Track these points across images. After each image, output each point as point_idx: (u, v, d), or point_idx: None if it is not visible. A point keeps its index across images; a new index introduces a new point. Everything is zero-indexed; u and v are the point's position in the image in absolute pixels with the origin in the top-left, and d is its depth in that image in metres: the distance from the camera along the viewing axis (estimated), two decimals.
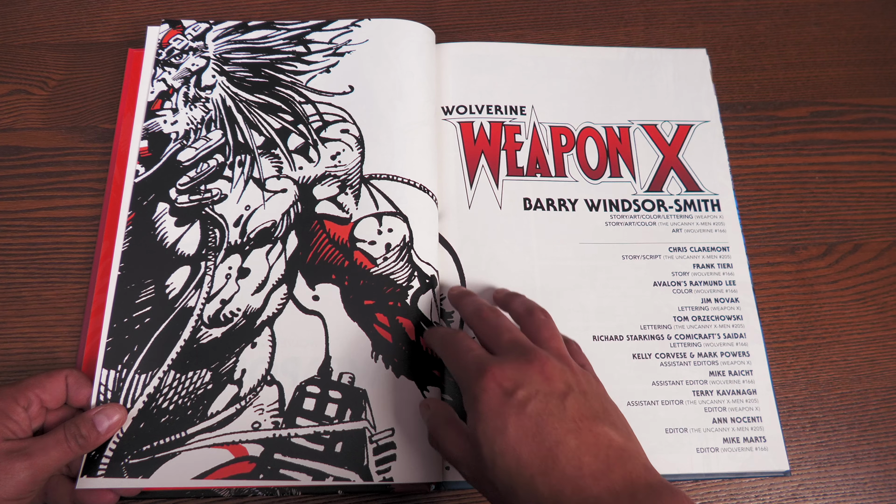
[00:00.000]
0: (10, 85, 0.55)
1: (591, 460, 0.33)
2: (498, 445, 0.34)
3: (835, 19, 0.61)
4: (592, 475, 0.32)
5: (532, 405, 0.35)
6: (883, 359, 0.49)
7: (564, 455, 0.33)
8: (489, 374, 0.36)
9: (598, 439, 0.34)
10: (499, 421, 0.35)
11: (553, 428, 0.34)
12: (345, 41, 0.54)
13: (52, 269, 0.49)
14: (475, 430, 0.36)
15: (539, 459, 0.33)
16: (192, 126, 0.50)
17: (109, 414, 0.40)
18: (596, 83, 0.56)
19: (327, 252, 0.47)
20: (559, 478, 0.33)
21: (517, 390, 0.35)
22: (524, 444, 0.34)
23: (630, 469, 0.33)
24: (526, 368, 0.36)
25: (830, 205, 0.54)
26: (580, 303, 0.48)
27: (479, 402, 0.36)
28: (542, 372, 0.36)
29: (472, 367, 0.37)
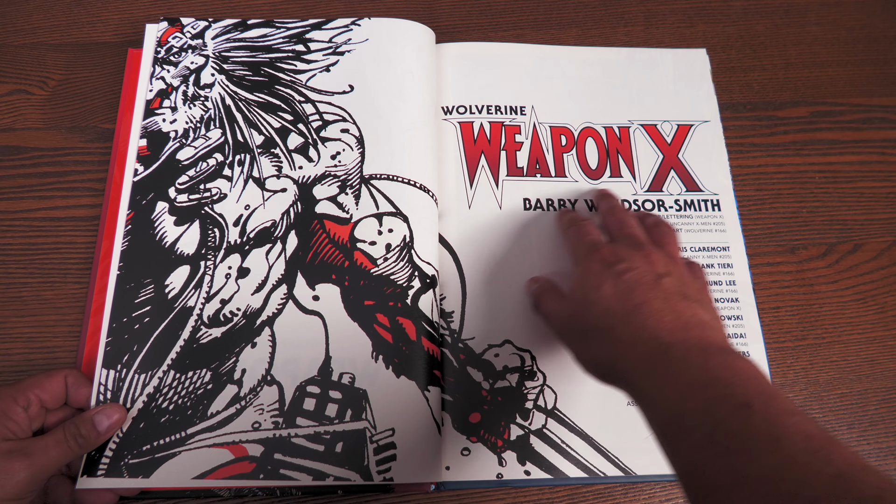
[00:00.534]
0: (10, 85, 0.55)
1: (671, 319, 0.36)
2: (591, 297, 0.39)
3: (835, 19, 0.61)
4: (669, 329, 0.35)
5: (629, 275, 0.39)
6: (883, 359, 0.49)
7: (648, 310, 0.37)
8: (600, 251, 0.42)
9: (683, 310, 0.37)
10: (596, 281, 0.39)
11: (643, 292, 0.38)
12: (345, 40, 0.54)
13: (52, 269, 0.49)
14: (574, 288, 0.42)
15: (624, 311, 0.37)
16: (191, 125, 0.50)
17: (109, 414, 0.40)
18: (596, 83, 0.56)
19: (327, 252, 0.47)
20: (638, 325, 0.36)
21: (618, 263, 0.40)
22: (614, 299, 0.38)
23: (707, 335, 0.35)
24: (633, 252, 0.41)
25: (830, 205, 0.54)
26: None
27: (583, 268, 0.41)
28: (647, 257, 0.40)
29: (587, 246, 0.43)
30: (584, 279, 0.40)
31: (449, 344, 0.47)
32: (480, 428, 0.45)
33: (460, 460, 0.44)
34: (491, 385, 0.46)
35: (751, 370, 0.32)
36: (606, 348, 0.37)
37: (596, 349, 0.38)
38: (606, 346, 0.37)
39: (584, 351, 0.40)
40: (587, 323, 0.39)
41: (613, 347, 0.37)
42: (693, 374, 0.32)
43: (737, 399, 0.30)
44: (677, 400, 0.32)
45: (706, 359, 0.33)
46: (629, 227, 0.45)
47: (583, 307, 0.40)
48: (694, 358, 0.33)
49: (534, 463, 0.44)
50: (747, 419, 0.29)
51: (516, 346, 0.47)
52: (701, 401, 0.31)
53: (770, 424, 0.29)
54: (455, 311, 0.48)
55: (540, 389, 0.46)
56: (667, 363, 0.34)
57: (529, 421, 0.45)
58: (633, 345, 0.36)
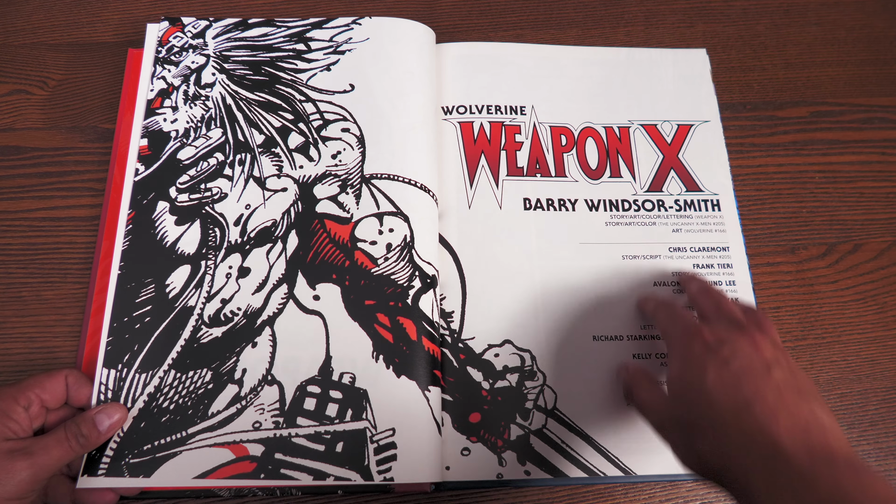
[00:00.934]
0: (10, 85, 0.55)
1: (787, 420, 0.32)
2: (694, 387, 0.35)
3: (835, 19, 0.61)
4: (788, 431, 0.31)
5: (736, 363, 0.35)
6: (883, 359, 0.49)
7: (761, 408, 0.32)
8: (700, 332, 0.37)
9: (800, 407, 0.33)
10: (700, 369, 0.35)
11: (753, 383, 0.34)
12: (345, 39, 0.54)
13: (52, 269, 0.49)
14: (674, 376, 0.37)
15: (734, 405, 0.33)
16: (191, 124, 0.50)
17: (110, 413, 0.40)
18: (596, 83, 0.56)
19: (328, 252, 0.47)
20: (751, 424, 0.32)
21: (722, 347, 0.36)
22: (721, 391, 0.34)
23: (831, 441, 0.31)
24: (736, 335, 0.37)
25: (830, 205, 0.54)
26: (580, 303, 0.48)
27: (684, 352, 0.37)
28: (753, 342, 0.36)
29: (685, 326, 0.39)
30: (685, 366, 0.37)
31: (449, 344, 0.47)
32: (480, 428, 0.45)
33: (460, 460, 0.44)
34: (491, 385, 0.46)
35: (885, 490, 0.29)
36: (715, 448, 0.33)
37: (703, 447, 0.34)
38: (715, 446, 0.33)
39: (689, 448, 0.36)
40: (690, 416, 0.35)
41: (724, 448, 0.33)
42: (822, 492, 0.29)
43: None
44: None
45: (835, 475, 0.29)
46: (727, 307, 0.41)
47: (684, 398, 0.36)
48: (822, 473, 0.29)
49: (534, 463, 0.44)
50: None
51: (516, 346, 0.47)
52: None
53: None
54: (455, 311, 0.48)
55: (540, 389, 0.46)
56: (790, 476, 0.30)
57: (529, 421, 0.45)
58: (747, 448, 0.32)
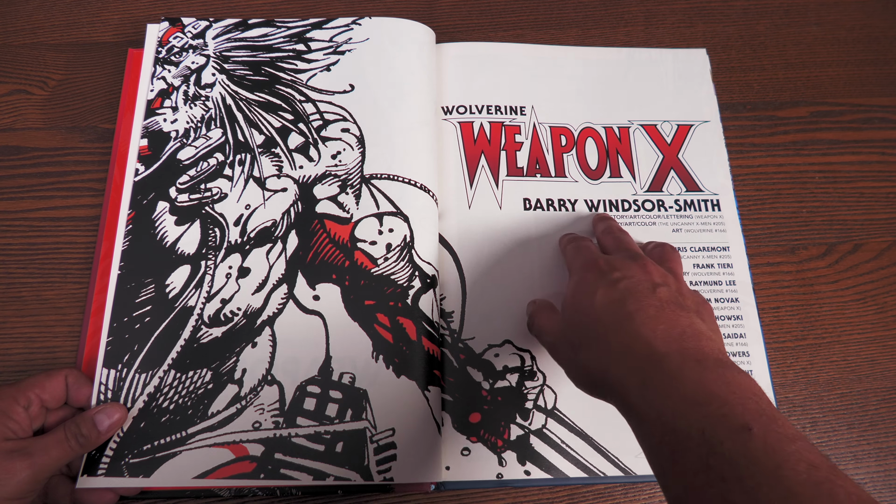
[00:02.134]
0: (10, 85, 0.55)
1: (665, 328, 0.34)
2: (583, 306, 0.38)
3: (835, 19, 0.61)
4: (664, 339, 0.34)
5: (623, 283, 0.37)
6: (883, 359, 0.49)
7: (641, 318, 0.35)
8: (596, 262, 0.41)
9: (679, 318, 0.35)
10: (590, 289, 0.38)
11: (636, 300, 0.36)
12: (345, 39, 0.54)
13: (52, 269, 0.49)
14: (567, 299, 0.40)
15: (616, 319, 0.36)
16: (191, 124, 0.50)
17: (110, 413, 0.40)
18: (596, 83, 0.56)
19: (328, 252, 0.47)
20: (631, 333, 0.34)
21: (613, 272, 0.39)
22: (606, 307, 0.37)
23: (704, 345, 0.33)
24: (629, 263, 0.40)
25: (830, 205, 0.54)
26: None
27: (577, 278, 0.41)
28: (643, 268, 0.39)
29: (585, 259, 0.42)
30: (578, 289, 0.39)
31: (449, 344, 0.47)
32: (480, 428, 0.45)
33: (460, 460, 0.44)
34: (491, 385, 0.46)
35: (750, 387, 0.30)
36: (598, 358, 0.36)
37: (587, 359, 0.37)
38: (598, 356, 0.36)
39: (575, 362, 0.38)
40: (579, 333, 0.38)
41: (605, 357, 0.35)
42: (689, 388, 0.31)
43: (735, 420, 0.28)
44: (671, 416, 0.30)
45: (702, 372, 0.31)
46: (626, 242, 0.44)
47: (575, 317, 0.38)
48: (690, 370, 0.31)
49: (534, 463, 0.44)
50: (746, 444, 0.27)
51: (516, 346, 0.47)
52: (697, 419, 0.29)
53: (771, 451, 0.27)
54: (455, 311, 0.48)
55: (540, 389, 0.46)
56: (660, 376, 0.32)
57: (529, 421, 0.45)
58: (626, 354, 0.34)
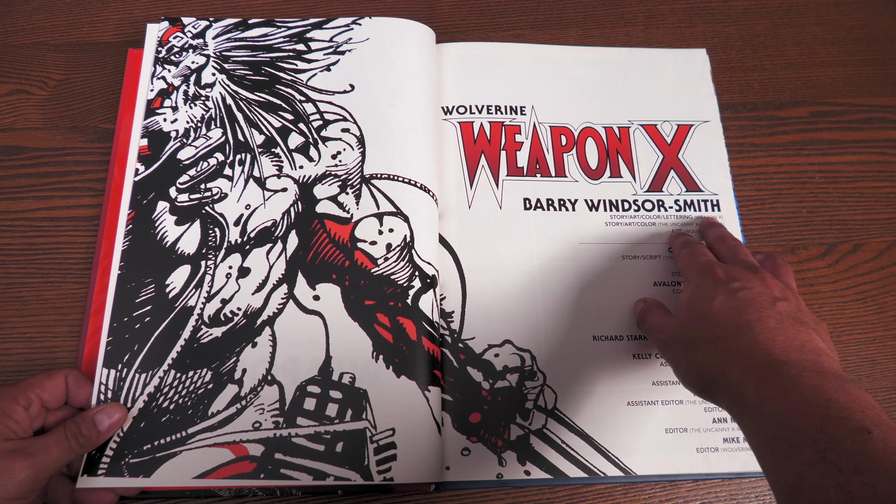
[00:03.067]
0: (10, 85, 0.55)
1: (785, 339, 0.34)
2: (701, 310, 0.38)
3: (835, 19, 0.61)
4: (783, 348, 0.34)
5: (742, 293, 0.37)
6: (883, 359, 0.49)
7: (760, 327, 0.35)
8: (714, 270, 0.40)
9: (798, 333, 0.35)
10: (709, 295, 0.38)
11: (756, 311, 0.36)
12: (345, 39, 0.54)
13: (52, 269, 0.49)
14: (683, 303, 0.40)
15: (735, 325, 0.36)
16: (191, 124, 0.50)
17: (110, 413, 0.40)
18: (596, 83, 0.56)
19: (328, 252, 0.47)
20: (749, 340, 0.34)
21: (733, 282, 0.38)
22: (725, 314, 0.37)
23: (823, 360, 0.33)
24: (748, 274, 0.39)
25: (830, 205, 0.54)
26: (580, 303, 0.48)
27: (695, 284, 0.40)
28: (763, 280, 0.39)
29: (701, 264, 0.42)
30: (696, 294, 0.39)
31: (449, 344, 0.47)
32: (480, 428, 0.45)
33: (460, 460, 0.44)
34: (491, 385, 0.46)
35: (870, 400, 0.30)
36: (713, 359, 0.36)
37: (702, 359, 0.37)
38: (714, 357, 0.36)
39: (688, 360, 0.38)
40: (694, 336, 0.38)
41: (721, 357, 0.35)
42: (808, 393, 0.31)
43: (855, 423, 0.29)
44: (788, 415, 0.30)
45: (822, 381, 0.31)
46: (743, 252, 0.44)
47: (691, 320, 0.38)
48: (808, 378, 0.31)
49: (534, 463, 0.44)
50: (865, 443, 0.28)
51: (516, 346, 0.47)
52: (816, 418, 0.30)
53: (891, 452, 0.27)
54: (455, 311, 0.48)
55: (540, 389, 0.46)
56: (779, 378, 0.32)
57: (529, 421, 0.45)
58: (743, 357, 0.34)
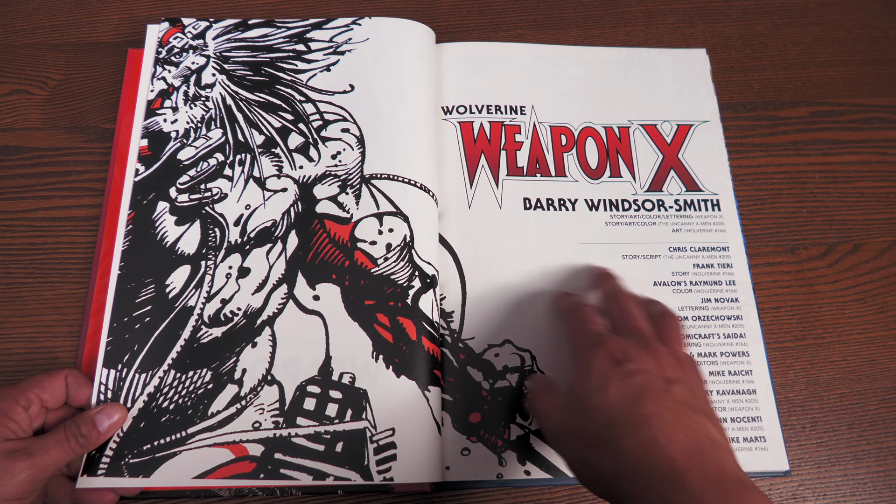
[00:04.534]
0: (10, 85, 0.55)
1: (684, 438, 0.33)
2: (594, 400, 0.35)
3: (835, 19, 0.61)
4: (683, 451, 0.32)
5: (637, 378, 0.35)
6: (883, 359, 0.49)
7: (658, 425, 0.33)
8: (605, 345, 0.38)
9: (695, 426, 0.33)
10: (602, 381, 0.36)
11: (653, 401, 0.34)
12: (345, 39, 0.54)
13: (52, 269, 0.49)
14: (575, 385, 0.37)
15: (632, 421, 0.33)
16: (192, 125, 0.50)
17: (110, 413, 0.40)
18: (596, 83, 0.56)
19: (328, 252, 0.47)
20: (648, 441, 0.33)
21: (626, 363, 0.36)
22: (620, 405, 0.34)
23: (722, 460, 0.32)
24: (641, 351, 0.37)
25: (830, 205, 0.54)
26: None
27: (587, 363, 0.37)
28: (656, 358, 0.37)
29: (592, 336, 0.39)
30: (588, 377, 0.37)
31: (449, 344, 0.47)
32: (480, 428, 0.45)
33: (460, 460, 0.44)
34: (491, 385, 0.46)
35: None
36: (610, 463, 0.34)
37: (597, 462, 0.34)
38: (610, 461, 0.34)
39: (584, 463, 0.36)
40: (588, 430, 0.35)
41: (618, 464, 0.33)
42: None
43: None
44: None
45: (725, 495, 0.30)
46: (634, 318, 0.41)
47: (583, 410, 0.36)
48: (712, 493, 0.30)
49: (534, 463, 0.44)
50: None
51: (516, 346, 0.47)
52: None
53: None
54: (455, 311, 0.48)
55: None
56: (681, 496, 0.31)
57: (529, 421, 0.45)
58: (642, 465, 0.32)
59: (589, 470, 0.36)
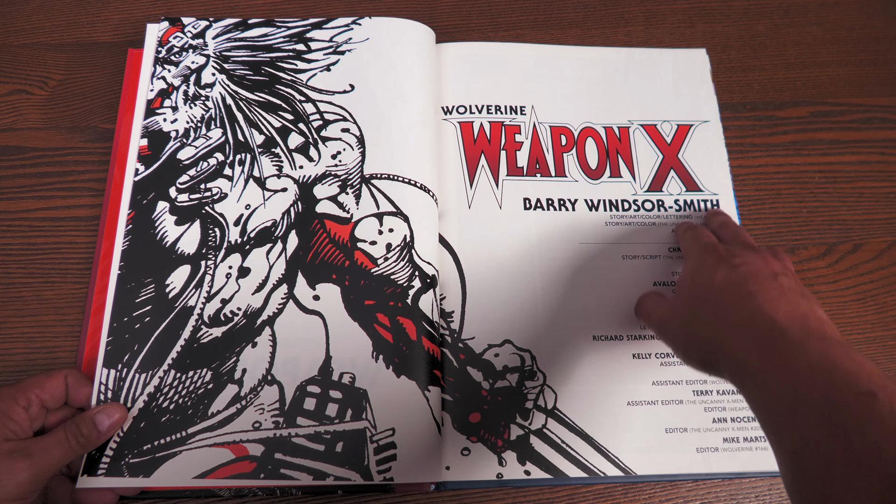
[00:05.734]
0: (10, 85, 0.55)
1: (787, 309, 0.34)
2: (702, 285, 0.38)
3: (835, 19, 0.61)
4: (787, 315, 0.34)
5: (744, 268, 0.38)
6: (883, 359, 0.49)
7: (763, 298, 0.35)
8: (716, 247, 0.41)
9: (800, 303, 0.35)
10: (710, 272, 0.38)
11: (757, 283, 0.36)
12: (345, 39, 0.54)
13: (52, 269, 0.49)
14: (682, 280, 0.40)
15: (737, 296, 0.36)
16: (191, 124, 0.50)
17: (110, 413, 0.40)
18: (596, 83, 0.56)
19: (328, 252, 0.47)
20: (752, 309, 0.35)
21: (734, 258, 0.39)
22: (726, 287, 0.37)
23: (826, 329, 0.34)
24: (749, 252, 0.40)
25: (830, 205, 0.54)
26: (580, 303, 0.48)
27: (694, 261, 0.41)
28: (763, 258, 0.39)
29: (703, 245, 0.42)
30: (696, 271, 0.39)
31: (449, 344, 0.47)
32: (480, 428, 0.45)
33: (460, 460, 0.44)
34: (491, 385, 0.46)
35: (874, 366, 0.31)
36: (714, 330, 0.36)
37: (703, 330, 0.37)
38: (714, 328, 0.36)
39: (689, 335, 0.38)
40: (695, 308, 0.38)
41: (723, 327, 0.35)
42: (812, 359, 0.31)
43: (861, 387, 0.29)
44: (793, 381, 0.31)
45: (827, 347, 0.31)
46: (745, 236, 0.44)
47: (692, 294, 0.39)
48: (813, 344, 0.32)
49: (534, 463, 0.44)
50: (871, 407, 0.28)
51: (516, 346, 0.47)
52: (821, 383, 0.30)
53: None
54: (455, 311, 0.48)
55: (540, 389, 0.46)
56: (783, 345, 0.32)
57: (529, 421, 0.45)
58: (746, 328, 0.34)
59: (695, 343, 0.37)
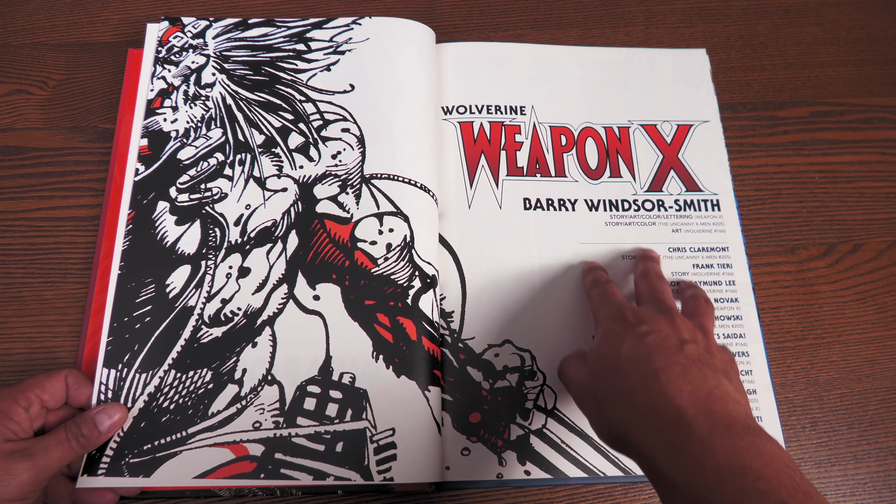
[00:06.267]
0: (10, 85, 0.55)
1: (692, 389, 0.33)
2: (609, 359, 0.37)
3: (835, 19, 0.61)
4: (691, 401, 0.33)
5: (650, 338, 0.37)
6: (883, 359, 0.49)
7: (666, 376, 0.34)
8: (623, 312, 0.40)
9: (706, 378, 0.34)
10: (616, 342, 0.38)
11: (663, 356, 0.35)
12: (345, 39, 0.54)
13: (52, 269, 0.49)
14: (593, 349, 0.40)
15: (641, 375, 0.35)
16: (192, 124, 0.50)
17: (110, 413, 0.40)
18: (596, 83, 0.56)
19: (328, 252, 0.47)
20: (657, 394, 0.34)
21: (641, 325, 0.38)
22: (631, 363, 0.36)
23: (731, 409, 0.33)
24: (658, 317, 0.39)
25: (830, 205, 0.54)
26: (580, 303, 0.48)
27: (604, 328, 0.40)
28: (672, 323, 0.38)
29: (612, 307, 0.41)
30: (604, 340, 0.39)
31: (449, 344, 0.47)
32: (480, 428, 0.45)
33: (460, 460, 0.44)
34: (491, 385, 0.46)
35: (782, 457, 0.30)
36: (622, 416, 0.35)
37: (610, 414, 0.36)
38: (622, 414, 0.35)
39: (600, 416, 0.37)
40: (604, 386, 0.37)
41: (629, 414, 0.35)
42: (720, 458, 0.30)
43: (772, 496, 0.28)
44: (703, 488, 0.30)
45: (733, 440, 0.31)
46: (660, 292, 0.43)
47: (600, 370, 0.38)
48: (719, 437, 0.31)
49: (534, 463, 0.44)
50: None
51: (516, 346, 0.47)
52: (731, 493, 0.29)
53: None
54: (455, 311, 0.48)
55: (540, 389, 0.46)
56: (690, 442, 0.31)
57: (529, 421, 0.45)
58: (651, 415, 0.33)
59: (605, 426, 0.37)
